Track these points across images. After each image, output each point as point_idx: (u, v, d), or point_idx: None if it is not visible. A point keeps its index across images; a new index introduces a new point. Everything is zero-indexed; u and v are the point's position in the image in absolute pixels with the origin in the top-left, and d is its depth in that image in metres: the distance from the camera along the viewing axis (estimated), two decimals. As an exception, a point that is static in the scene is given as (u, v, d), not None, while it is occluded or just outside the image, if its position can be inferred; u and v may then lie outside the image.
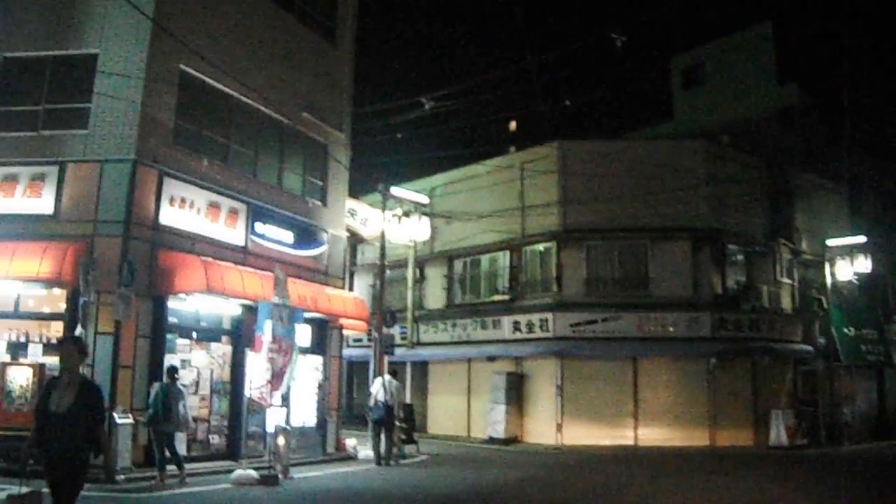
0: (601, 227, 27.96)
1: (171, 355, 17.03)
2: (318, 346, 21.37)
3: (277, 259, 19.51)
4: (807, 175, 32.75)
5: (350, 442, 22.17)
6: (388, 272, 27.18)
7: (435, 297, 32.34)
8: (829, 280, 31.09)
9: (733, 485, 17.03)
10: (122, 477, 14.78)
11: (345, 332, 23.83)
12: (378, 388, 20.50)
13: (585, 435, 26.64)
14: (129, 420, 15.51)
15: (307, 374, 20.86)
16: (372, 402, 20.44)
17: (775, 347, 28.31)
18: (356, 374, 35.79)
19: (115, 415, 15.28)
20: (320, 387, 21.29)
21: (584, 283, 27.99)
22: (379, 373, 22.30)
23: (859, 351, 31.97)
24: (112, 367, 15.74)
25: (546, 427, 27.19)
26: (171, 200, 17.19)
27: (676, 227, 27.73)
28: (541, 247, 29.07)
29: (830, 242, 31.34)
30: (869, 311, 33.87)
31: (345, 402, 34.90)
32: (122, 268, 15.21)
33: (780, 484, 17.20)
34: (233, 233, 18.82)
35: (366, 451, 21.40)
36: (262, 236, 19.66)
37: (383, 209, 24.13)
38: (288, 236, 20.54)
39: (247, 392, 16.67)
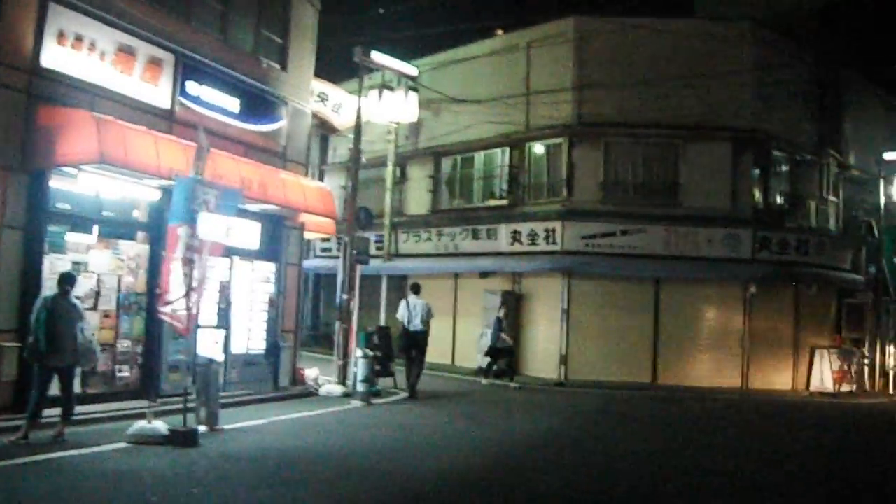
0: (623, 121, 23.05)
1: (59, 255, 12.11)
2: (271, 250, 16.40)
3: (217, 132, 14.55)
4: (857, 79, 27.85)
5: (311, 373, 17.58)
6: (363, 171, 22.47)
7: (418, 200, 27.45)
8: (882, 200, 26.51)
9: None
10: (-27, 428, 10.13)
11: (309, 235, 19.09)
12: (403, 312, 17.94)
13: (594, 369, 22.27)
14: (-11, 346, 10.75)
15: (255, 286, 16.05)
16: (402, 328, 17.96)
17: (824, 274, 23.85)
18: (324, 288, 31.22)
19: (-36, 338, 10.53)
20: (272, 303, 16.48)
21: (599, 188, 23.21)
22: (349, 286, 17.85)
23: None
24: (-38, 268, 10.90)
25: (547, 358, 22.73)
26: (61, 37, 12.03)
27: (715, 125, 22.90)
28: (549, 143, 24.21)
29: (889, 156, 26.68)
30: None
31: (309, 321, 30.69)
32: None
33: None
34: (154, 91, 13.72)
35: (329, 386, 16.87)
36: (195, 99, 14.57)
37: (360, 82, 19.07)
38: (232, 103, 15.45)
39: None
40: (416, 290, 18.50)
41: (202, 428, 11.08)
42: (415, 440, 12.24)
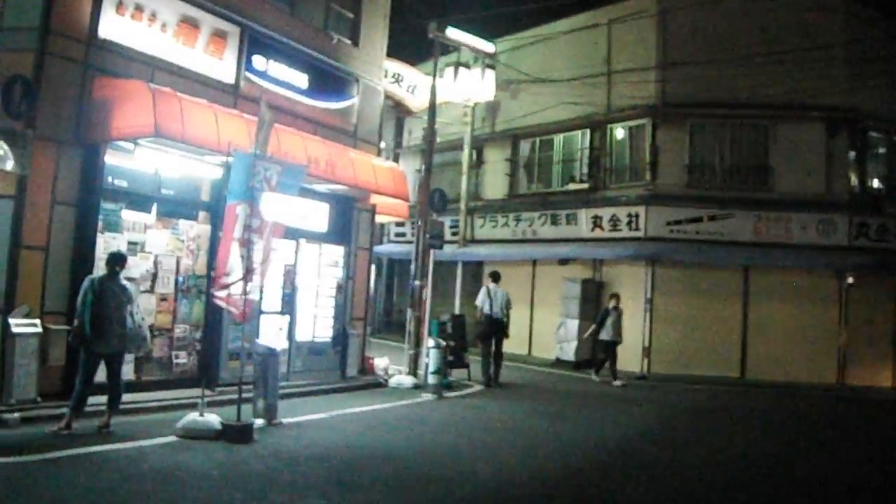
0: (709, 101, 21.78)
1: (113, 234, 11.52)
2: (340, 233, 15.67)
3: (284, 109, 13.90)
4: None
5: (380, 363, 16.87)
6: (439, 155, 21.74)
7: (495, 185, 26.54)
8: None
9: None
10: (17, 415, 9.59)
11: (382, 218, 18.39)
12: (483, 299, 17.60)
13: (678, 362, 21.08)
14: (35, 329, 10.17)
15: (322, 270, 15.35)
16: (478, 315, 17.70)
17: (927, 264, 22.30)
18: (398, 273, 30.53)
19: (10, 320, 9.98)
20: (340, 288, 15.77)
21: (685, 172, 22.03)
22: (422, 271, 17.20)
23: None
24: (11, 246, 10.34)
25: (629, 349, 21.44)
26: (120, 6, 11.44)
27: (807, 104, 21.41)
28: (631, 124, 23.05)
29: None
30: None
31: (382, 307, 30.14)
32: (9, 86, 9.60)
33: None
34: (218, 65, 13.11)
35: (399, 377, 16.11)
36: (262, 74, 13.93)
37: (435, 58, 18.29)
38: (301, 79, 14.77)
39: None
40: (496, 278, 18.03)
41: (259, 421, 10.42)
42: (489, 440, 11.30)
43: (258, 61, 13.88)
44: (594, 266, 22.90)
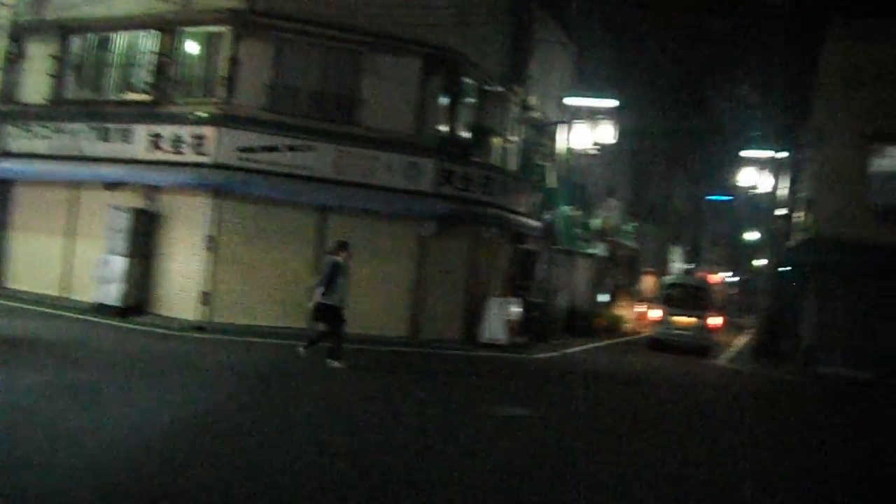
0: (302, 16, 19.03)
1: None
2: None
3: None
4: (546, 19, 25.80)
5: None
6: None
7: (36, 86, 21.51)
8: (561, 146, 25.25)
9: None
10: None
11: None
12: None
13: (243, 310, 18.57)
14: None
15: None
16: None
17: (505, 217, 21.69)
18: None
19: None
20: None
21: (265, 93, 19.11)
22: None
23: (573, 234, 26.97)
24: None
25: (187, 294, 18.50)
26: None
27: (406, 37, 19.59)
28: (208, 30, 19.66)
29: (571, 101, 25.41)
30: (578, 191, 28.53)
31: None
32: None
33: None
34: None
35: None
36: None
37: None
38: None
39: None
40: None
41: None
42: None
43: None
44: (149, 194, 19.26)
